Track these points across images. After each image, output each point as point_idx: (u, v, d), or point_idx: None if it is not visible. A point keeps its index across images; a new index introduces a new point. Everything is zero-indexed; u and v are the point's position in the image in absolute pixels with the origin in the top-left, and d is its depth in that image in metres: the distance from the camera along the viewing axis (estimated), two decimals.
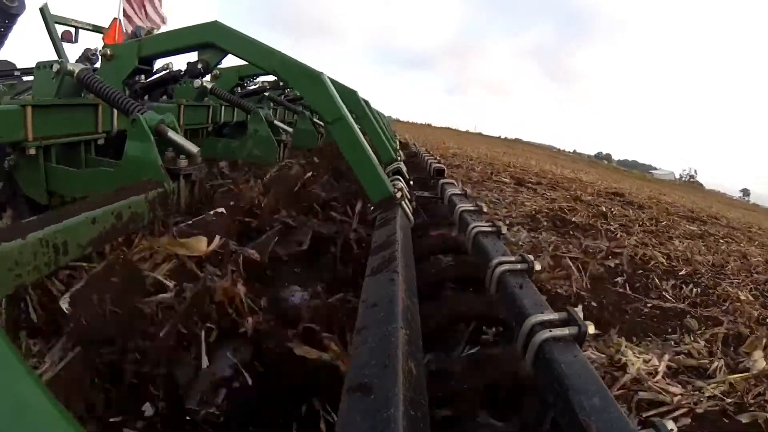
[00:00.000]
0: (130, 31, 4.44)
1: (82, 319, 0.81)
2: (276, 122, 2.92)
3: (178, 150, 1.35)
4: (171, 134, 1.32)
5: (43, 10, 1.37)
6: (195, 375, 0.81)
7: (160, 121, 1.31)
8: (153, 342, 0.81)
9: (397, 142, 5.39)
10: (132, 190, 1.17)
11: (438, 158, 4.02)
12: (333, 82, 1.74)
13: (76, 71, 1.47)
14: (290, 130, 3.07)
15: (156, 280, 0.94)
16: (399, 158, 2.66)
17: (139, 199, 1.15)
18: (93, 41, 4.40)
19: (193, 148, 1.36)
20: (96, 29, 4.15)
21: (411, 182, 2.31)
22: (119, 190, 1.15)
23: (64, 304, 0.83)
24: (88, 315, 0.82)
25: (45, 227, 0.86)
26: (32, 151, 1.42)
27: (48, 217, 0.91)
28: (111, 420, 0.74)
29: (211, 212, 1.32)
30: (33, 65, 1.56)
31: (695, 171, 62.63)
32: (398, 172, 2.23)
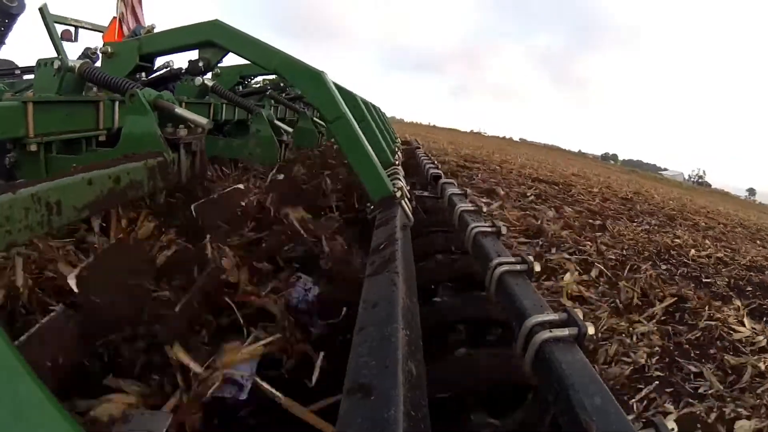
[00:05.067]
0: (127, 32, 4.45)
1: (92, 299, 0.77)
2: (277, 122, 2.92)
3: (181, 122, 1.34)
4: (178, 110, 1.31)
5: (43, 10, 1.37)
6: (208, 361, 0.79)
7: (158, 97, 1.31)
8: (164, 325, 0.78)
9: (398, 141, 5.41)
10: (131, 157, 1.15)
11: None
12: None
13: (78, 66, 1.47)
14: (291, 130, 3.07)
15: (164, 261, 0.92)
16: (397, 162, 2.66)
17: (138, 166, 1.13)
18: (93, 40, 4.40)
19: (202, 120, 1.34)
20: (95, 28, 4.15)
21: (408, 187, 2.31)
22: (118, 158, 1.13)
23: (71, 281, 0.77)
24: (97, 295, 0.77)
25: (38, 185, 0.83)
26: (33, 148, 1.42)
27: (42, 178, 0.88)
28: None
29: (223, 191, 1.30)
30: (33, 64, 1.56)
31: (704, 171, 62.45)
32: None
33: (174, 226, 1.14)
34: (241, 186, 1.34)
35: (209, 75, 2.78)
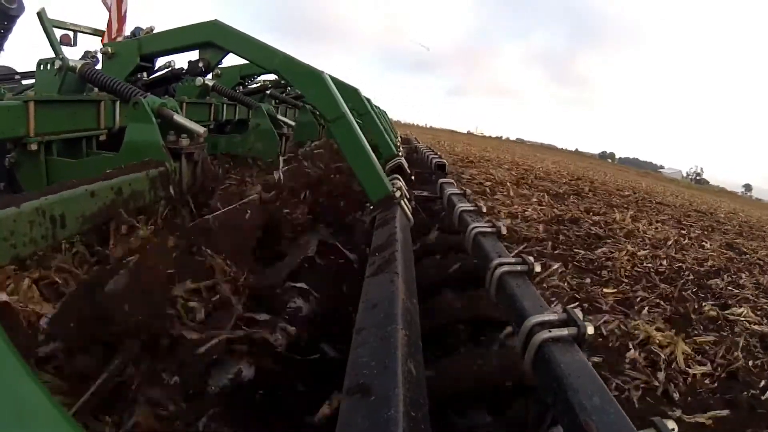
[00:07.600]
0: (122, 37, 4.44)
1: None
2: (278, 116, 2.92)
3: (182, 132, 1.34)
4: (176, 117, 1.31)
5: (41, 15, 1.37)
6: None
7: (162, 105, 1.31)
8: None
9: (399, 139, 5.48)
10: (133, 167, 1.15)
11: None
12: (334, 80, 1.73)
13: (78, 66, 1.47)
14: (292, 123, 3.07)
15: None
16: (400, 154, 2.73)
17: (140, 176, 1.13)
18: (92, 44, 4.38)
19: (199, 129, 1.35)
20: (94, 32, 4.15)
21: (413, 177, 2.38)
22: (120, 168, 1.13)
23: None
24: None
25: (41, 198, 0.83)
26: (33, 147, 1.42)
27: (46, 190, 0.88)
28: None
29: (244, 200, 1.30)
30: (33, 69, 1.56)
31: (701, 169, 62.85)
32: (399, 167, 2.31)
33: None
34: (256, 195, 1.32)
35: (210, 75, 2.79)
